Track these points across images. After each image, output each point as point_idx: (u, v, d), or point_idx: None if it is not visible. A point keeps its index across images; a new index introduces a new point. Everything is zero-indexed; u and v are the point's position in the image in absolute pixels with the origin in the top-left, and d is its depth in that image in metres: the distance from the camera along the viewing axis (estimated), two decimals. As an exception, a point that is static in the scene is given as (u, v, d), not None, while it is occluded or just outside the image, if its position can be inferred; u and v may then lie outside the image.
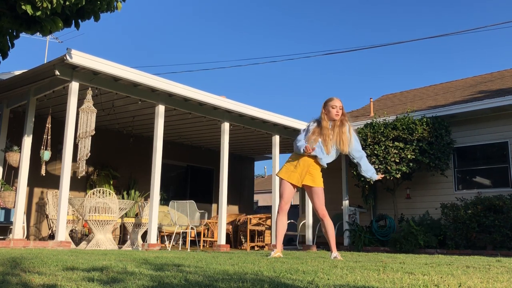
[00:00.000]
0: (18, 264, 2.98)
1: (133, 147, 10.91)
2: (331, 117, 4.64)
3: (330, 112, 4.64)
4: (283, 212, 4.67)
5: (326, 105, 4.70)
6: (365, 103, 16.30)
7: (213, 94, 8.51)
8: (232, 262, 3.39)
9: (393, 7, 56.43)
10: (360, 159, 4.81)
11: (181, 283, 2.07)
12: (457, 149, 10.39)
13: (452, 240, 8.99)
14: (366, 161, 4.84)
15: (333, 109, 4.64)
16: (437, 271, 2.83)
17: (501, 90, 10.82)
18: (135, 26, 69.77)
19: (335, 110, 4.64)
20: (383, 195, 11.16)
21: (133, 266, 2.88)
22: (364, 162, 4.81)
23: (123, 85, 7.49)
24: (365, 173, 4.84)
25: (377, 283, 2.11)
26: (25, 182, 7.27)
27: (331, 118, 4.65)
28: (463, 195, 9.78)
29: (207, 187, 13.47)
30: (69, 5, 4.63)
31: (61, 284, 2.04)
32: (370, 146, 10.03)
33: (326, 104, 4.70)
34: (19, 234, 7.09)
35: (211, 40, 71.53)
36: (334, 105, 4.65)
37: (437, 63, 73.62)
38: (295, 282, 2.11)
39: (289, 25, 68.12)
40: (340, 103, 4.69)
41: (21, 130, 7.57)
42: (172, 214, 9.17)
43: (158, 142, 7.75)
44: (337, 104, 4.66)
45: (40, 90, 7.51)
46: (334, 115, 4.63)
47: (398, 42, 34.55)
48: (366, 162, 4.84)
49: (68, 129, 6.68)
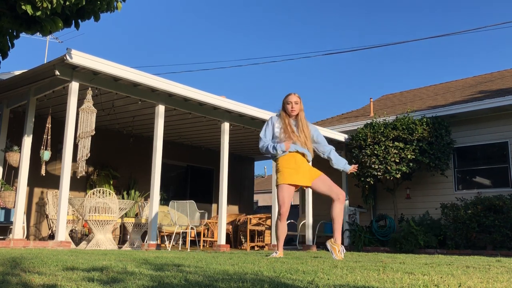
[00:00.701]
0: (18, 264, 2.98)
1: (133, 147, 10.91)
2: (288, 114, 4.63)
3: (286, 109, 4.63)
4: (284, 218, 4.54)
5: (283, 102, 4.69)
6: (365, 103, 16.30)
7: (213, 94, 8.51)
8: (232, 262, 3.39)
9: (393, 7, 56.45)
10: (329, 153, 4.80)
11: (181, 283, 2.07)
12: (457, 149, 10.39)
13: (452, 240, 8.99)
14: (335, 154, 4.84)
15: (288, 105, 4.63)
16: (437, 271, 2.83)
17: (501, 90, 10.82)
18: (135, 26, 69.79)
19: (290, 106, 4.62)
20: (383, 195, 11.16)
21: (133, 266, 2.88)
22: (334, 155, 4.81)
23: (123, 85, 7.49)
24: (337, 166, 4.82)
25: (377, 283, 2.11)
26: (25, 182, 7.27)
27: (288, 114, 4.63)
28: (463, 195, 9.79)
29: (207, 187, 13.47)
30: (69, 5, 4.63)
31: (61, 284, 2.04)
32: (370, 146, 10.03)
33: (283, 101, 4.69)
34: (19, 234, 7.09)
35: (211, 40, 71.56)
36: (288, 101, 4.63)
37: (437, 63, 73.64)
38: (295, 282, 2.11)
39: (289, 25, 68.13)
40: (296, 98, 4.64)
41: (21, 130, 7.57)
42: (172, 214, 9.17)
43: (158, 142, 7.75)
44: (292, 99, 4.62)
45: (40, 90, 7.51)
46: (290, 111, 4.61)
47: (398, 42, 34.54)
48: (336, 154, 4.84)
49: (68, 129, 6.68)
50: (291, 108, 4.61)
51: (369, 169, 9.99)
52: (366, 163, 10.03)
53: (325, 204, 12.80)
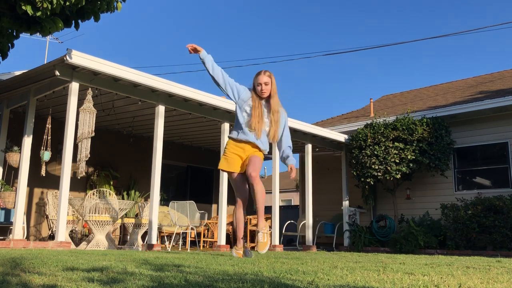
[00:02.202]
0: (18, 264, 2.98)
1: (133, 147, 10.92)
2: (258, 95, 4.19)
3: (256, 91, 4.18)
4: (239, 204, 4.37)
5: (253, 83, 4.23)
6: (365, 103, 16.30)
7: (213, 94, 8.52)
8: (232, 262, 3.39)
9: (394, 7, 56.44)
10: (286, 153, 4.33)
11: (181, 283, 2.07)
12: (457, 150, 10.39)
13: (452, 240, 8.99)
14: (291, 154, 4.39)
15: (257, 87, 4.18)
16: (437, 271, 2.83)
17: (501, 90, 10.83)
18: (135, 26, 69.78)
19: (259, 88, 4.16)
20: (383, 195, 11.16)
21: (133, 266, 2.88)
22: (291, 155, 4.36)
23: (123, 86, 7.49)
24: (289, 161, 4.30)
25: (377, 283, 2.11)
26: (25, 182, 7.27)
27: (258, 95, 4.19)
28: (463, 196, 9.79)
29: (207, 188, 13.47)
30: (69, 5, 4.63)
31: (61, 285, 2.04)
32: (370, 147, 10.03)
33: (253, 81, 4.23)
34: (19, 234, 7.09)
35: (211, 40, 71.55)
36: (258, 82, 4.16)
37: (437, 63, 73.66)
38: (295, 282, 2.11)
39: (289, 25, 68.13)
40: (266, 78, 4.15)
41: (21, 130, 7.57)
42: (172, 215, 9.17)
43: (158, 143, 7.75)
44: (261, 80, 4.14)
45: (40, 91, 7.51)
46: (259, 93, 4.17)
47: (398, 43, 34.55)
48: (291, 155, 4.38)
49: (68, 130, 6.68)
50: (260, 90, 4.15)
51: (369, 169, 9.99)
52: (366, 164, 10.03)
53: (325, 205, 12.83)
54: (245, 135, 4.20)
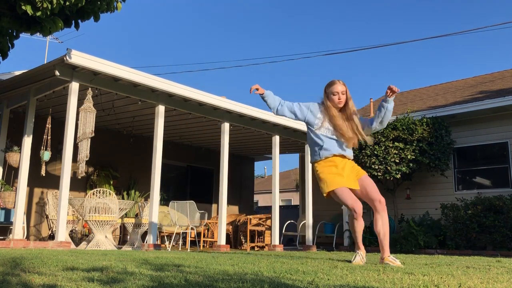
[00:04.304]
0: (18, 264, 2.98)
1: (133, 147, 10.91)
2: (335, 105, 3.97)
3: (332, 100, 3.97)
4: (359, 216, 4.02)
5: (326, 92, 4.02)
6: (365, 103, 16.29)
7: (213, 94, 8.52)
8: (232, 262, 3.39)
9: (394, 7, 56.47)
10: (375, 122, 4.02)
11: (181, 283, 2.07)
12: (457, 150, 10.39)
13: (452, 240, 8.98)
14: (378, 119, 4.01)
15: (334, 96, 3.96)
16: (437, 271, 2.83)
17: (501, 90, 10.83)
18: (135, 26, 69.78)
19: (336, 98, 3.96)
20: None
21: (133, 266, 2.88)
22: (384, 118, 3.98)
23: (123, 86, 7.49)
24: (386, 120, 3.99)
25: (377, 283, 2.11)
26: (25, 182, 7.27)
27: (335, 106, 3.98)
28: (463, 196, 9.78)
29: (207, 187, 13.46)
30: (69, 5, 4.63)
31: (61, 284, 2.04)
32: (370, 147, 10.03)
33: (326, 91, 4.03)
34: (19, 234, 7.09)
35: (211, 40, 71.58)
36: (334, 91, 3.95)
37: (437, 63, 73.66)
38: (295, 282, 2.11)
39: (289, 26, 68.14)
40: (342, 87, 3.97)
41: (21, 130, 7.57)
42: (172, 214, 9.17)
43: (158, 142, 7.75)
44: (338, 89, 3.95)
45: (40, 91, 7.51)
46: (337, 103, 3.96)
47: (398, 43, 34.55)
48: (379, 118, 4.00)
49: (68, 130, 6.68)
50: (338, 100, 3.95)
51: (369, 169, 9.98)
52: (366, 164, 10.03)
53: (325, 205, 12.80)
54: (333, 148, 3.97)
